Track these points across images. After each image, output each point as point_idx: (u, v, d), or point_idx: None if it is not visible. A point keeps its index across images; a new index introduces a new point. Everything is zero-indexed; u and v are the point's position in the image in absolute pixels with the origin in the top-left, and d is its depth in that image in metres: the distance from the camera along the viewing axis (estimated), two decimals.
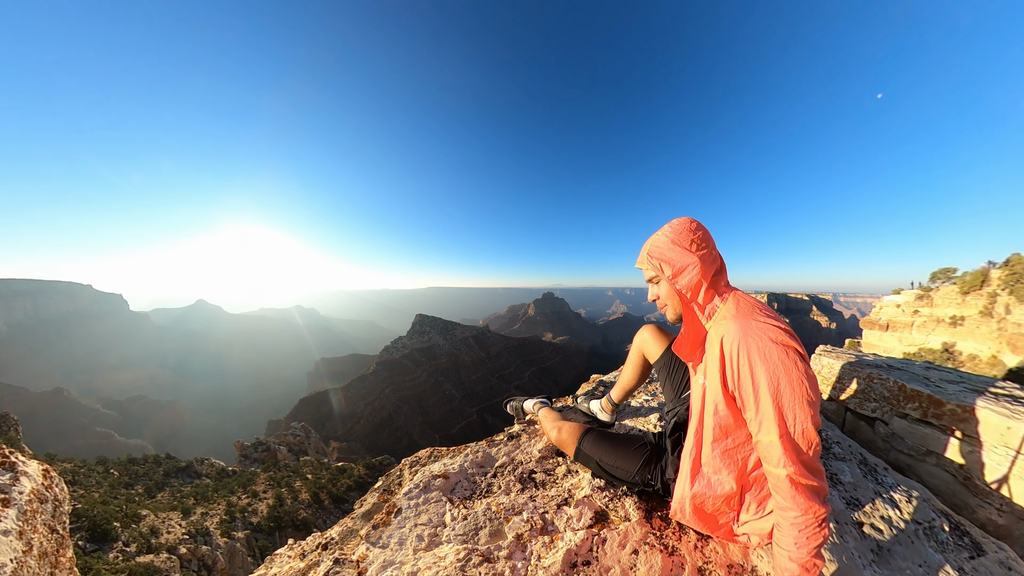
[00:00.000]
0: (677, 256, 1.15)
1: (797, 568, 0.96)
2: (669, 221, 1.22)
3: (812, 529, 0.94)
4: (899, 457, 2.06)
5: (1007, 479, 1.62)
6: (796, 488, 0.94)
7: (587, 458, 1.63)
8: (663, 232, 1.21)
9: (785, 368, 0.94)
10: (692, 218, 1.19)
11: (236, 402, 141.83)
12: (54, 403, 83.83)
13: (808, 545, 0.94)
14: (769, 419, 0.95)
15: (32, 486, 1.73)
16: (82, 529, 9.16)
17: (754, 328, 1.01)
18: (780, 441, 0.94)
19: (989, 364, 10.20)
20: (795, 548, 0.96)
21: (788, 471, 0.94)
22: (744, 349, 1.00)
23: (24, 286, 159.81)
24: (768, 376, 0.95)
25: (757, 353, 0.97)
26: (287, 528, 14.04)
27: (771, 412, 0.95)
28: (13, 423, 17.25)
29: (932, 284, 13.10)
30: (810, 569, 0.96)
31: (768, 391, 0.95)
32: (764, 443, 0.98)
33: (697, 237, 1.15)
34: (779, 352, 0.96)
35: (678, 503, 1.27)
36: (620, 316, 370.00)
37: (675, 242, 1.16)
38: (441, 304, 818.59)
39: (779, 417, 0.94)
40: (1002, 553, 1.46)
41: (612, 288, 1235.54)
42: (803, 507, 0.94)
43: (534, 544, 1.36)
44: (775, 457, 0.96)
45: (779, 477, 0.96)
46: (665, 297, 1.27)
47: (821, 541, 0.95)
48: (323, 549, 1.72)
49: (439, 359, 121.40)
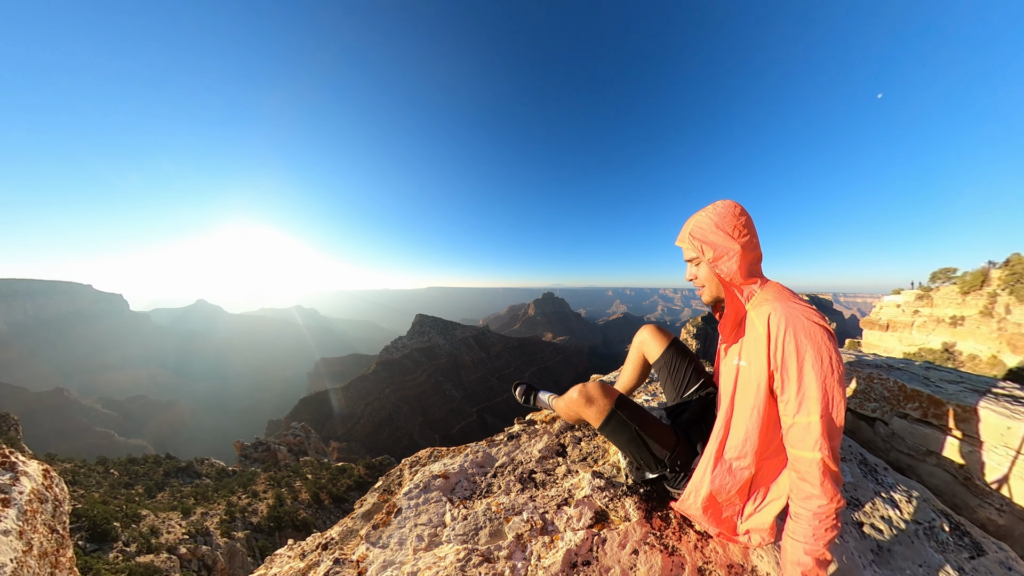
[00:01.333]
0: (720, 240, 1.16)
1: (811, 562, 0.95)
2: (714, 202, 1.21)
3: (831, 520, 0.94)
4: (899, 457, 2.06)
5: (1007, 479, 1.62)
6: (825, 474, 0.94)
7: (622, 425, 1.39)
8: (707, 213, 1.20)
9: (828, 348, 0.96)
10: (737, 202, 1.18)
11: (236, 402, 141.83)
12: (54, 403, 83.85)
13: (826, 538, 0.94)
14: (812, 398, 0.95)
15: (32, 486, 1.73)
16: (82, 529, 9.16)
17: (799, 310, 1.03)
18: (820, 421, 0.94)
19: (989, 364, 10.20)
20: (812, 540, 0.95)
21: (823, 454, 0.93)
22: (792, 327, 1.00)
23: (24, 286, 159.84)
24: (814, 354, 0.96)
25: (804, 332, 0.98)
26: (287, 528, 14.04)
27: (815, 391, 0.95)
28: (13, 423, 17.24)
29: (932, 284, 13.10)
30: (822, 564, 0.95)
31: (813, 369, 0.95)
32: (801, 424, 0.97)
33: (740, 223, 1.15)
34: (822, 333, 0.97)
35: (693, 487, 1.24)
36: (620, 316, 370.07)
37: (719, 226, 1.16)
38: (441, 304, 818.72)
39: (823, 395, 0.94)
40: (1002, 553, 1.46)
41: (612, 288, 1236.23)
42: (830, 494, 0.93)
43: (534, 544, 1.36)
44: (811, 439, 0.95)
45: (811, 461, 0.95)
46: (703, 279, 1.28)
47: (835, 534, 0.95)
48: (323, 549, 1.72)
49: (439, 359, 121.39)
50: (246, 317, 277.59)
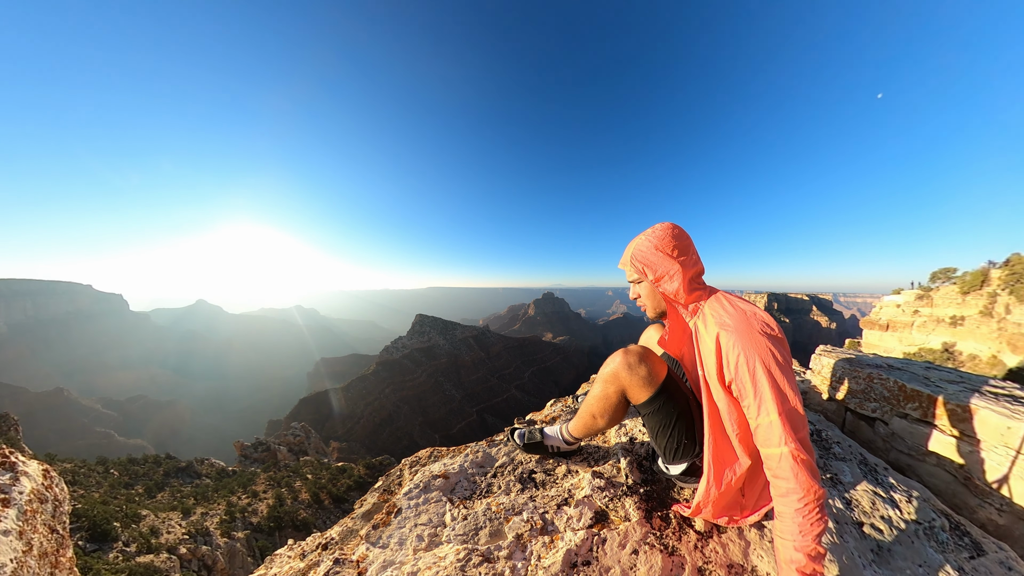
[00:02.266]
0: (659, 261, 1.24)
1: (803, 558, 0.97)
2: (652, 226, 1.30)
3: (815, 513, 0.96)
4: (899, 457, 2.06)
5: (1007, 479, 1.62)
6: (798, 464, 0.97)
7: (673, 398, 1.34)
8: (646, 237, 1.28)
9: (773, 351, 1.04)
10: (674, 224, 1.28)
11: (236, 402, 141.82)
12: (54, 403, 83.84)
13: (813, 531, 0.96)
14: (768, 399, 1.01)
15: (32, 486, 1.73)
16: (82, 529, 9.16)
17: (743, 323, 1.11)
18: (780, 419, 0.99)
19: (989, 364, 10.20)
20: (800, 536, 0.98)
21: (790, 447, 0.97)
22: (739, 343, 1.07)
23: (24, 286, 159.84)
24: (762, 362, 1.03)
25: (751, 345, 1.06)
26: (287, 528, 14.04)
27: (768, 393, 1.01)
28: (13, 423, 17.24)
29: (932, 284, 13.09)
30: (815, 558, 0.97)
31: (764, 376, 1.02)
32: (764, 425, 1.03)
33: (680, 244, 1.24)
34: (767, 340, 1.06)
35: (703, 481, 1.26)
36: (620, 316, 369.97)
37: (658, 248, 1.24)
38: (441, 304, 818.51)
39: (776, 396, 1.00)
40: (1002, 553, 1.46)
41: (612, 288, 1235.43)
42: (805, 485, 0.96)
43: (534, 544, 1.36)
44: (776, 436, 1.00)
45: (780, 456, 0.99)
46: (646, 297, 1.39)
47: (823, 527, 0.97)
48: (323, 549, 1.72)
49: (439, 359, 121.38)
50: (246, 317, 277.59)
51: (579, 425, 1.64)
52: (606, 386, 1.43)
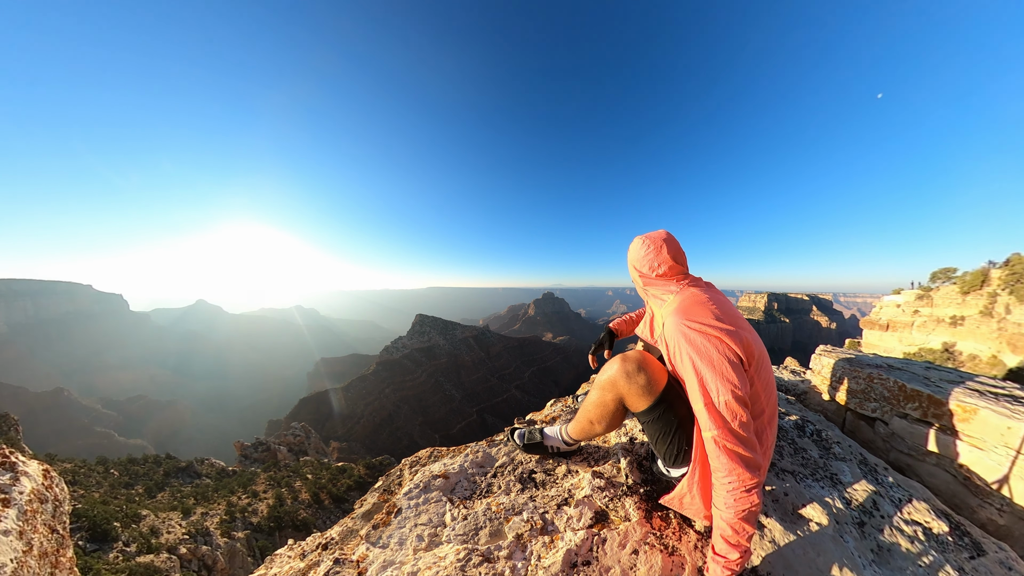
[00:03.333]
0: (643, 264, 1.47)
1: (728, 528, 1.09)
2: (649, 232, 1.52)
3: (739, 492, 1.07)
4: (899, 457, 2.06)
5: (1007, 479, 1.62)
6: (720, 449, 1.09)
7: (672, 407, 1.31)
8: (639, 241, 1.50)
9: (707, 348, 1.15)
10: (641, 236, 1.50)
11: (236, 402, 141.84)
12: (54, 403, 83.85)
13: (736, 507, 1.07)
14: (695, 390, 1.14)
15: (32, 486, 1.73)
16: (82, 529, 9.16)
17: (684, 317, 1.23)
18: (706, 409, 1.11)
19: (989, 364, 10.20)
20: (725, 508, 1.10)
21: (713, 433, 1.10)
22: (676, 333, 1.23)
23: (24, 286, 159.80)
24: (691, 355, 1.16)
25: (683, 336, 1.19)
26: (287, 528, 14.04)
27: (695, 384, 1.14)
28: (13, 423, 17.24)
29: (932, 284, 13.09)
30: (739, 531, 1.08)
31: (692, 367, 1.16)
32: (696, 410, 1.17)
33: (670, 247, 1.43)
34: (702, 337, 1.17)
35: (689, 471, 1.27)
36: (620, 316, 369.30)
37: (651, 251, 1.44)
38: (441, 304, 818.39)
39: (702, 389, 1.13)
40: (1002, 553, 1.46)
41: (612, 288, 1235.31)
42: (726, 468, 1.08)
43: (534, 544, 1.36)
44: (704, 422, 1.13)
45: (707, 439, 1.13)
46: (639, 291, 1.61)
47: (749, 507, 1.07)
48: (323, 549, 1.72)
49: (439, 359, 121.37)
50: (246, 317, 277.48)
51: (577, 429, 1.65)
52: (603, 393, 1.41)
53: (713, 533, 1.16)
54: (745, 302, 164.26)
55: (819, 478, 1.72)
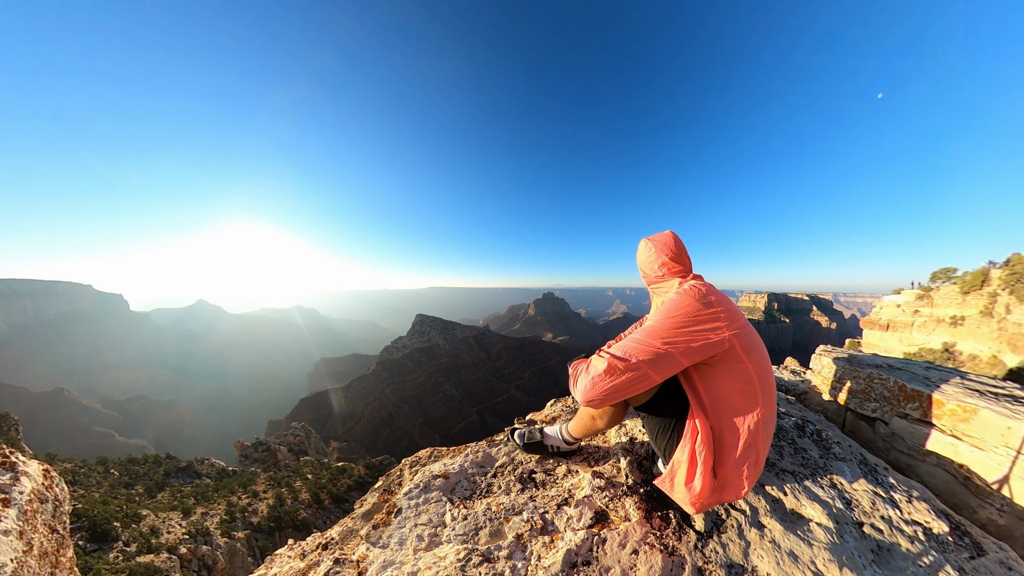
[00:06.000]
0: (646, 265, 1.62)
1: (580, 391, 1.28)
2: (660, 232, 1.64)
3: (580, 368, 1.32)
4: (899, 457, 2.06)
5: (1007, 479, 1.62)
6: (597, 354, 1.28)
7: (677, 398, 1.35)
8: (643, 244, 1.63)
9: (679, 300, 1.29)
10: (671, 232, 1.61)
11: (236, 402, 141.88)
12: (54, 403, 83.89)
13: (574, 374, 1.34)
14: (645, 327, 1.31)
15: (32, 486, 1.73)
16: (82, 529, 9.16)
17: (678, 288, 1.39)
18: (637, 335, 1.26)
19: (989, 364, 10.20)
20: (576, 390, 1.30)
21: (609, 350, 1.26)
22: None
23: (24, 286, 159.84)
24: (667, 305, 1.31)
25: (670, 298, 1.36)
26: (287, 528, 14.04)
27: (648, 324, 1.31)
28: (13, 423, 17.24)
29: (932, 284, 13.09)
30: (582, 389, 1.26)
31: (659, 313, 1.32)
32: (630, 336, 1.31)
33: (675, 249, 1.55)
34: (681, 297, 1.31)
35: (679, 453, 1.28)
36: (620, 316, 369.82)
37: (652, 254, 1.58)
38: (441, 304, 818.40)
39: (649, 327, 1.28)
40: (1002, 553, 1.46)
41: (612, 288, 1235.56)
42: (593, 370, 1.24)
43: (534, 544, 1.36)
44: (621, 344, 1.28)
45: (597, 354, 1.31)
46: (649, 292, 1.73)
47: (581, 380, 1.26)
48: (323, 549, 1.72)
49: (439, 359, 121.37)
50: (246, 317, 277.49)
51: (579, 426, 1.64)
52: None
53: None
54: (745, 302, 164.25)
55: (819, 478, 1.72)
